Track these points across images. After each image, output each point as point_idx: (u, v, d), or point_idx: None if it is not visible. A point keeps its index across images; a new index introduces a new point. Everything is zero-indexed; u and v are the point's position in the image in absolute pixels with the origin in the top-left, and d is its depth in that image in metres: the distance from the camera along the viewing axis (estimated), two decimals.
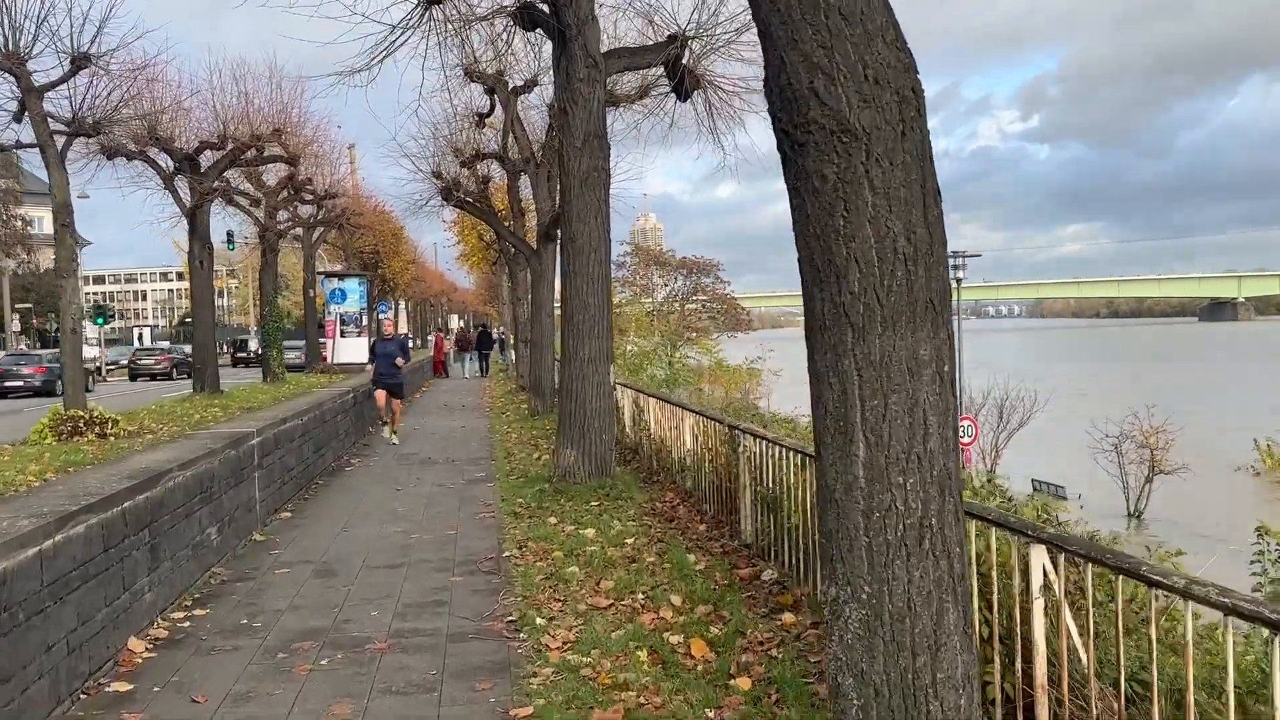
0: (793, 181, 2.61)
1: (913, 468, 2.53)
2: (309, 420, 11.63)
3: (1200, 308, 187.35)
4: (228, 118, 21.42)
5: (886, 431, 2.53)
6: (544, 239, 18.32)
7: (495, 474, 12.00)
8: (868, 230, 2.49)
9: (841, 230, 2.52)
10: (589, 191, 10.19)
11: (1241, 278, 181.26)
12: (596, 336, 10.27)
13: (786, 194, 2.67)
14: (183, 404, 15.16)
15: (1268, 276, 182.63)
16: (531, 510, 9.23)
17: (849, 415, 2.57)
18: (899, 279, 2.52)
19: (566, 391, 10.34)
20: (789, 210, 2.65)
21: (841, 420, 2.58)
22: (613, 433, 10.63)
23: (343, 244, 38.19)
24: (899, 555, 2.54)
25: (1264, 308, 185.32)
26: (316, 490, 11.17)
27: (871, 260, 2.50)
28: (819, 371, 2.64)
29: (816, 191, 2.53)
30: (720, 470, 8.14)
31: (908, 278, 2.52)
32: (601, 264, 10.30)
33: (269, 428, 9.38)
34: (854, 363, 2.54)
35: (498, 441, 15.48)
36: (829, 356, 2.59)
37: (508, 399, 24.44)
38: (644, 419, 12.06)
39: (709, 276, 71.20)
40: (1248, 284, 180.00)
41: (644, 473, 11.43)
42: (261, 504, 8.94)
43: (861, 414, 2.55)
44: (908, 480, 2.53)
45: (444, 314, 79.46)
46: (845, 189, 2.51)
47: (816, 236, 2.56)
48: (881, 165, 2.47)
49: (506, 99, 17.76)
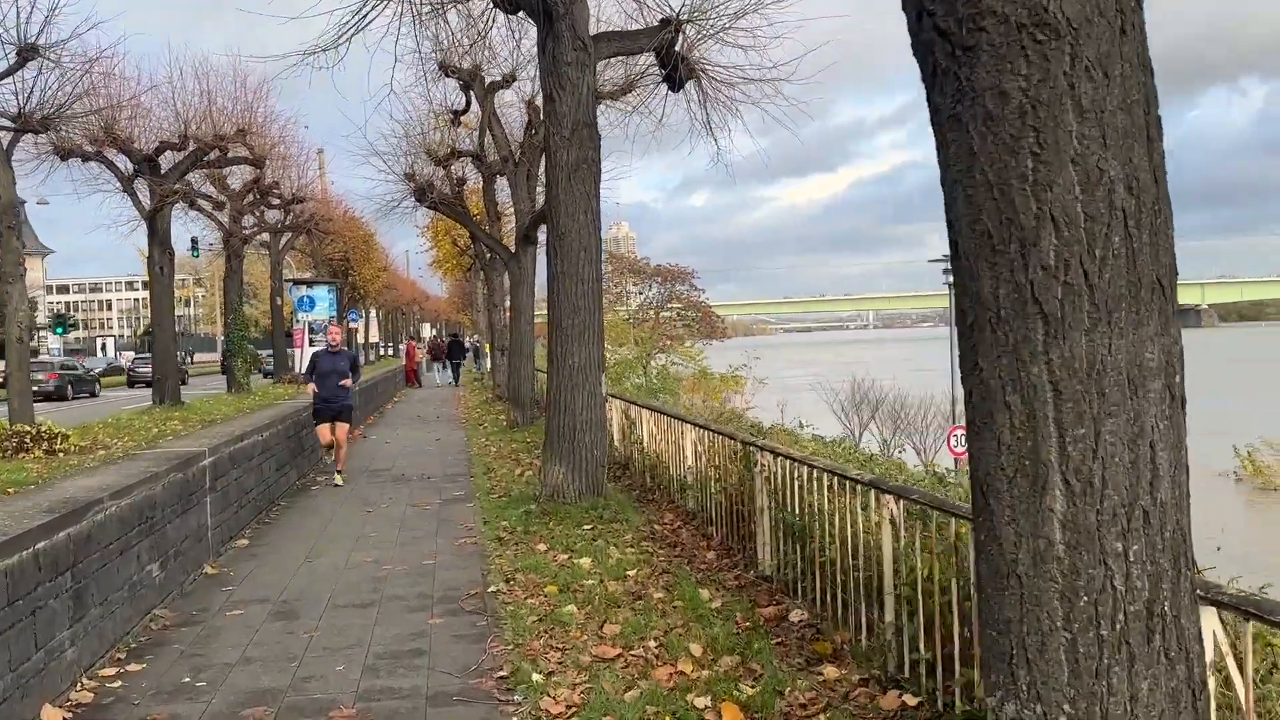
0: (950, 106, 1.78)
1: (1137, 529, 1.71)
2: (270, 436, 10.66)
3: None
4: (189, 117, 20.36)
5: (1098, 475, 1.71)
6: (523, 242, 17.43)
7: (475, 492, 11.07)
8: (1071, 173, 1.67)
9: (1031, 174, 1.70)
10: (578, 185, 9.33)
11: (1205, 285, 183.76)
12: (587, 342, 9.40)
13: (932, 130, 1.85)
14: (141, 417, 14.17)
15: (1230, 284, 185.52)
16: (518, 535, 8.33)
17: (1039, 451, 1.74)
18: (1116, 247, 1.69)
19: (555, 403, 9.46)
20: (934, 159, 1.83)
21: (1026, 458, 1.76)
22: (605, 448, 9.76)
23: (311, 250, 37.09)
24: (1118, 659, 1.71)
25: (1227, 314, 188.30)
26: (279, 513, 10.18)
27: (1077, 218, 1.67)
28: (985, 385, 1.80)
29: (991, 118, 1.71)
30: (731, 491, 7.30)
31: (1128, 245, 1.70)
32: (592, 263, 9.44)
33: (223, 446, 8.42)
34: (1047, 371, 1.72)
35: (476, 456, 14.53)
36: (1005, 363, 1.76)
37: (484, 409, 23.47)
38: (635, 432, 11.20)
39: (684, 284, 70.58)
40: (1210, 291, 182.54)
41: (637, 490, 10.56)
42: (215, 531, 7.97)
43: (1059, 449, 1.72)
44: (1130, 547, 1.71)
45: (416, 322, 78.15)
46: (1038, 113, 1.69)
47: (988, 186, 1.73)
48: (1093, 76, 1.65)
49: (483, 95, 16.89)
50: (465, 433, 18.42)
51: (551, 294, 9.53)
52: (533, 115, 17.15)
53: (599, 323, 9.56)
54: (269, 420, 11.42)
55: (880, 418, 48.99)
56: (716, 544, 7.61)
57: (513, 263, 17.67)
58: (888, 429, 47.30)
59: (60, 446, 8.66)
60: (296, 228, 29.01)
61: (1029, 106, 1.68)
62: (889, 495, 4.53)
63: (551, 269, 9.51)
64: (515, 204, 17.35)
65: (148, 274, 21.00)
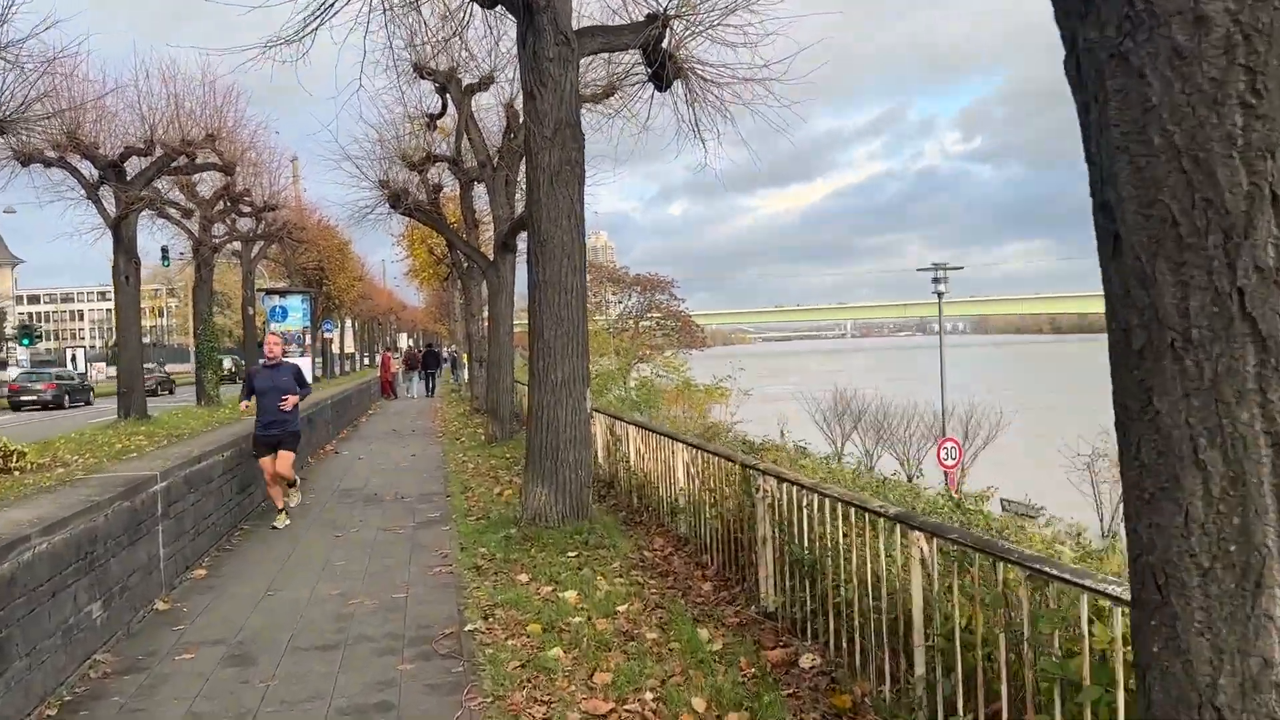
0: (1112, 41, 1.25)
1: None
2: (233, 455, 10.01)
3: None
4: (155, 121, 19.66)
5: None
6: (502, 249, 16.86)
7: (452, 514, 10.47)
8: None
9: (1241, 136, 1.18)
10: (561, 188, 8.79)
11: None
12: (571, 355, 8.85)
13: (1071, 78, 1.33)
14: (105, 432, 13.54)
15: None
16: (497, 564, 7.75)
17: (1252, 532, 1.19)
18: None
19: (536, 419, 8.90)
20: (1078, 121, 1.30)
21: (1232, 541, 1.22)
22: (590, 467, 9.20)
23: (285, 260, 36.37)
24: None
25: None
26: (241, 538, 9.53)
27: None
28: (1164, 435, 1.25)
29: (1181, 55, 1.18)
30: (728, 517, 6.76)
31: None
32: (576, 271, 8.90)
33: (177, 468, 7.78)
34: (1263, 418, 1.19)
35: (453, 473, 13.92)
36: (1197, 405, 1.21)
37: (462, 422, 22.83)
38: (621, 449, 10.64)
39: (663, 294, 70.22)
40: None
41: (624, 511, 10.00)
42: (168, 563, 7.33)
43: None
44: None
45: (393, 332, 77.22)
46: (1254, 46, 1.16)
47: (1174, 153, 1.20)
48: None
49: (460, 98, 16.34)
50: (442, 448, 17.79)
51: (533, 303, 8.98)
52: (511, 119, 16.61)
53: (583, 334, 9.01)
54: (233, 437, 10.77)
55: (863, 428, 48.74)
56: (713, 574, 7.06)
57: (491, 271, 17.09)
58: (870, 439, 47.09)
59: (16, 465, 8.12)
60: (269, 236, 28.32)
61: (1240, 37, 1.16)
62: (919, 532, 4.00)
63: (533, 277, 8.97)
64: (494, 210, 16.79)
65: (113, 283, 20.21)
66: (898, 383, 57.39)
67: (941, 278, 26.71)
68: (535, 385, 8.95)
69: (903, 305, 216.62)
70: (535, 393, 8.94)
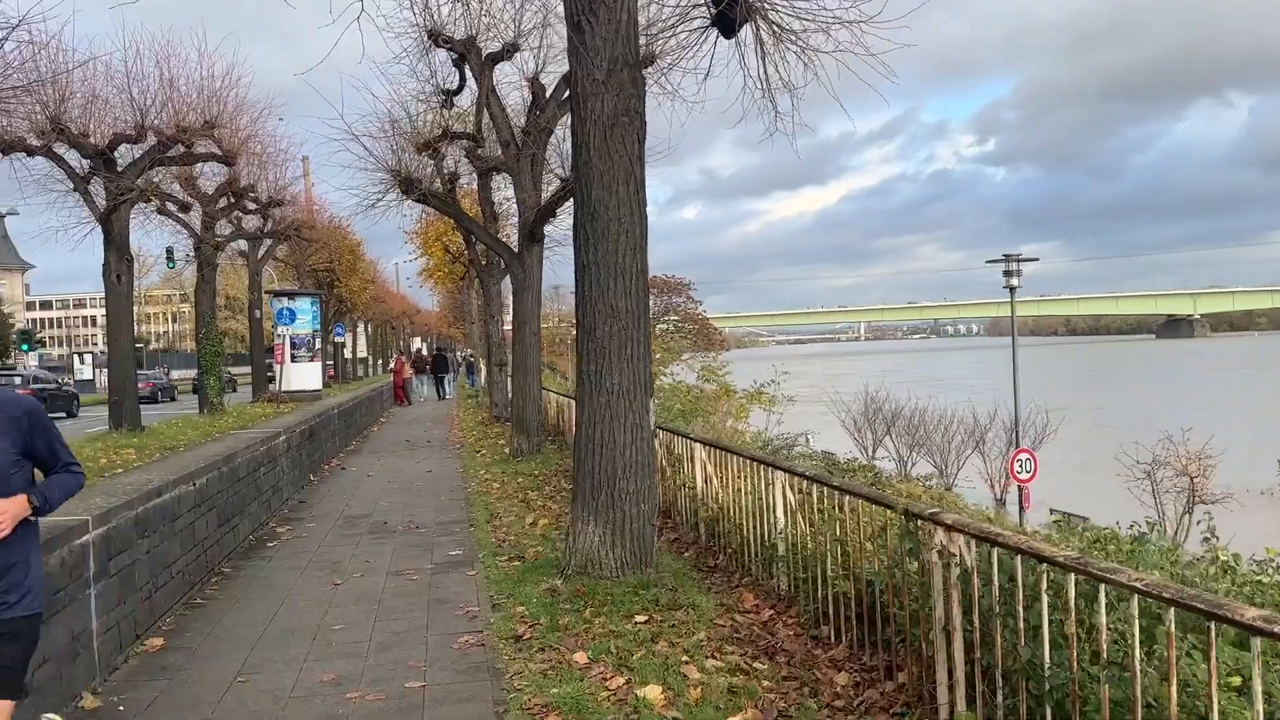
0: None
1: None
2: (212, 480, 8.17)
3: (1157, 324, 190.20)
4: (146, 105, 17.80)
5: None
6: (528, 240, 15.00)
7: (478, 550, 8.60)
8: None
9: None
10: (617, 145, 6.92)
11: (1196, 295, 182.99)
12: (630, 357, 6.97)
13: None
14: (92, 443, 11.79)
15: (1221, 293, 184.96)
16: (542, 632, 5.86)
17: None
18: None
19: (587, 438, 7.01)
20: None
21: None
22: (654, 500, 7.30)
23: (294, 261, 34.72)
24: None
25: (1218, 324, 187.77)
26: (218, 586, 7.68)
27: None
28: None
29: None
30: (878, 585, 4.83)
31: None
32: (636, 250, 7.02)
33: (124, 507, 5.91)
34: None
35: (475, 494, 12.06)
36: None
37: (480, 432, 20.99)
38: (684, 472, 8.73)
39: (681, 296, 68.34)
40: (1202, 301, 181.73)
41: (688, 551, 8.11)
42: (106, 636, 5.48)
43: None
44: None
45: (406, 336, 75.63)
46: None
47: None
48: None
49: (479, 69, 14.48)
50: (461, 462, 15.94)
51: (581, 293, 7.11)
52: (537, 93, 14.75)
53: (645, 330, 7.12)
54: (221, 453, 8.97)
55: (895, 433, 46.58)
56: (842, 654, 5.15)
57: (515, 264, 15.23)
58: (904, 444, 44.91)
59: None
60: (276, 234, 26.61)
61: None
62: None
63: (580, 259, 7.09)
64: (517, 195, 14.93)
65: (104, 283, 18.35)
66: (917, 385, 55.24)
67: (1014, 270, 24.36)
68: (584, 395, 7.07)
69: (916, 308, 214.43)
70: (585, 404, 7.06)
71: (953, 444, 41.96)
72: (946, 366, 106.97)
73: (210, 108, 18.97)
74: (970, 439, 42.12)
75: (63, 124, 16.38)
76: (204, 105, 18.82)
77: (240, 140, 20.58)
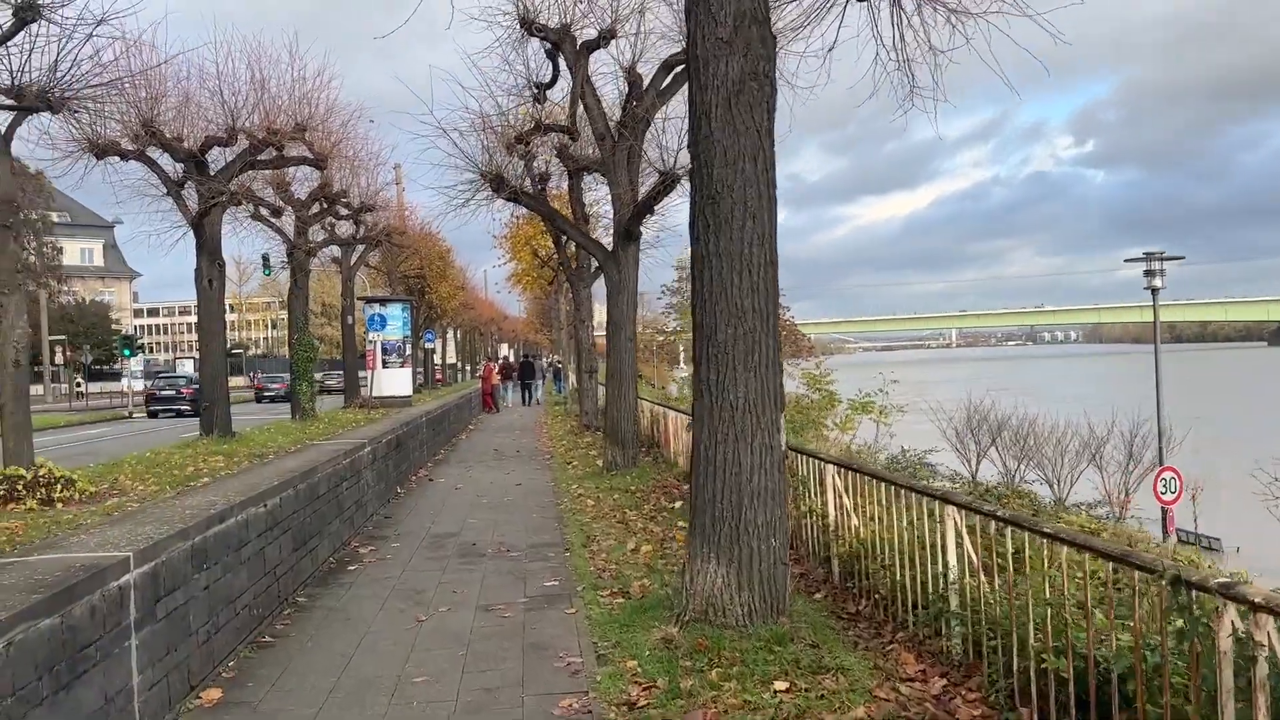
0: None
1: None
2: (289, 498, 7.40)
3: (1269, 332, 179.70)
4: (237, 106, 17.41)
5: None
6: (623, 238, 14.07)
7: (575, 582, 7.63)
8: None
9: None
10: (743, 115, 5.88)
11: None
12: (758, 365, 5.91)
13: None
14: (182, 450, 11.41)
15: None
16: (660, 698, 4.84)
17: None
18: None
19: (706, 461, 5.97)
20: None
21: None
22: (787, 534, 6.20)
23: (386, 267, 34.69)
24: None
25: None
26: (290, 620, 6.88)
27: None
28: None
29: None
30: (1116, 669, 3.65)
31: None
32: (764, 240, 5.96)
33: (174, 539, 5.11)
34: None
35: (569, 512, 11.14)
36: None
37: (570, 442, 20.16)
38: (810, 498, 7.61)
39: None
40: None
41: (817, 590, 6.99)
42: (152, 692, 4.67)
43: None
44: None
45: (494, 343, 75.94)
46: None
47: None
48: None
49: (574, 58, 13.61)
50: (551, 474, 15.09)
51: (698, 289, 6.08)
52: (634, 82, 13.82)
53: (775, 334, 6.05)
54: (299, 468, 8.24)
55: (1002, 444, 44.14)
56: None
57: (609, 264, 14.31)
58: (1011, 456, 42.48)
59: (61, 495, 6.84)
60: (369, 240, 26.39)
61: None
62: None
63: (698, 250, 6.06)
64: (612, 191, 14.01)
65: (195, 288, 18.05)
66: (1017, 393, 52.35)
67: (1157, 270, 22.21)
68: (704, 409, 6.02)
69: (1009, 314, 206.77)
70: (704, 420, 6.02)
71: (1065, 457, 39.52)
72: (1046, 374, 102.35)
73: (301, 110, 18.53)
74: (1085, 451, 39.59)
75: (155, 126, 16.10)
76: (295, 107, 18.38)
77: (332, 143, 20.15)
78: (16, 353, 9.28)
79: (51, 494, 6.89)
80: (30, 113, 10.45)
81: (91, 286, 75.05)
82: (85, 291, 71.40)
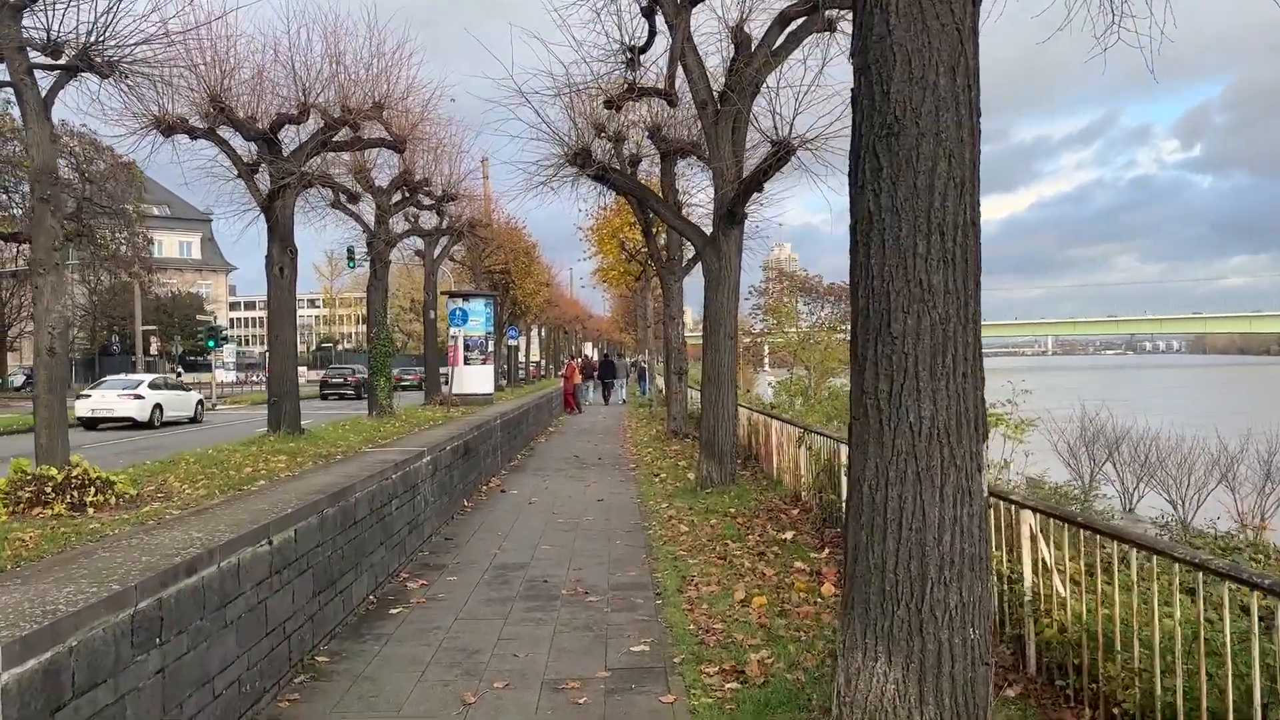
0: None
1: None
2: (303, 531, 5.82)
3: None
4: (310, 81, 16.05)
5: None
6: (726, 221, 12.24)
7: (673, 651, 5.84)
8: None
9: None
10: (935, 7, 4.02)
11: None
12: (951, 371, 4.03)
13: None
14: (246, 447, 10.28)
15: None
16: None
17: None
18: None
19: (870, 507, 4.12)
20: None
21: None
22: (988, 622, 4.28)
23: (471, 262, 33.61)
24: None
25: None
26: (300, 694, 5.25)
27: None
28: None
29: None
30: None
31: None
32: (964, 189, 4.08)
33: (100, 610, 3.51)
34: None
35: (659, 541, 9.37)
36: None
37: (657, 450, 18.39)
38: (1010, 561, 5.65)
39: None
40: None
41: (1008, 684, 5.05)
42: None
43: None
44: None
45: (578, 341, 74.89)
46: None
47: None
48: None
49: (674, 15, 11.85)
50: (637, 488, 13.36)
51: (860, 260, 4.23)
52: (741, 42, 12.00)
53: (977, 327, 4.17)
54: (336, 483, 6.70)
55: (1120, 460, 40.90)
56: None
57: (709, 251, 12.49)
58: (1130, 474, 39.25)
59: (94, 499, 6.26)
60: (453, 231, 25.17)
61: None
62: None
63: (864, 205, 4.20)
64: (713, 165, 12.17)
65: (266, 276, 16.80)
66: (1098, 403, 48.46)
67: None
68: (867, 431, 4.16)
69: (1110, 321, 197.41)
70: (866, 451, 4.16)
71: (1192, 475, 36.26)
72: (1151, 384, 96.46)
73: (379, 87, 17.10)
74: (1213, 469, 36.27)
75: (224, 102, 14.87)
76: (372, 83, 16.96)
77: (410, 124, 18.71)
78: (52, 339, 8.04)
79: (84, 497, 6.27)
80: (73, 73, 9.20)
81: (189, 279, 76.69)
82: (182, 284, 72.93)
